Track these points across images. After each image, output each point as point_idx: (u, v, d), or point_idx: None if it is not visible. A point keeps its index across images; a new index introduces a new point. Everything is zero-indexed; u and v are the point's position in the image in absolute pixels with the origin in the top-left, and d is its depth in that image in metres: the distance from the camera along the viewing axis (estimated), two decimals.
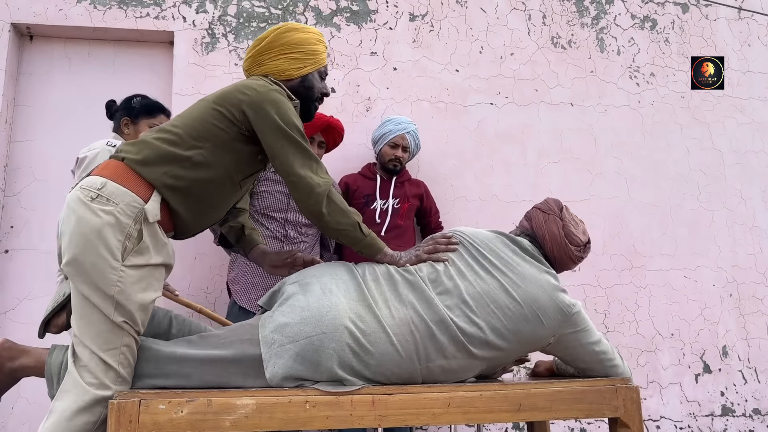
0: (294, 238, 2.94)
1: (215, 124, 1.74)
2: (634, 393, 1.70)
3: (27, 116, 3.33)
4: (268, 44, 1.92)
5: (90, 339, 1.56)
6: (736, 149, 3.80)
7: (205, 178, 1.72)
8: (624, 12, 3.85)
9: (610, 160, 3.66)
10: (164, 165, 1.68)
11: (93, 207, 1.58)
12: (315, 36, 1.97)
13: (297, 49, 1.92)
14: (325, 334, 1.58)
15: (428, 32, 3.63)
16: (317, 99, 2.00)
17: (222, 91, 1.82)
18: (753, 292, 3.64)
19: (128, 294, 1.57)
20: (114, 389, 1.54)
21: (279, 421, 1.54)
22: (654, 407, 3.41)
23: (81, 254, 1.55)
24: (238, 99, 1.75)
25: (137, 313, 1.59)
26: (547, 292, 1.72)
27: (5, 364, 1.69)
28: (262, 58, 1.93)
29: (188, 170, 1.70)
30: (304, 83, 1.94)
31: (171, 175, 1.68)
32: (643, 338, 3.48)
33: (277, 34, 1.92)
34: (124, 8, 3.37)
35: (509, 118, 3.61)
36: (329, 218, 1.76)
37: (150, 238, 1.62)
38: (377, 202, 3.07)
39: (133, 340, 1.60)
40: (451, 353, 1.66)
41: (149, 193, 1.65)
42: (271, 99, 1.76)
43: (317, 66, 1.97)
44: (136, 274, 1.59)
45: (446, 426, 3.18)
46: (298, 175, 1.74)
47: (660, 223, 3.63)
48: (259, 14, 3.50)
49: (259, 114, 1.74)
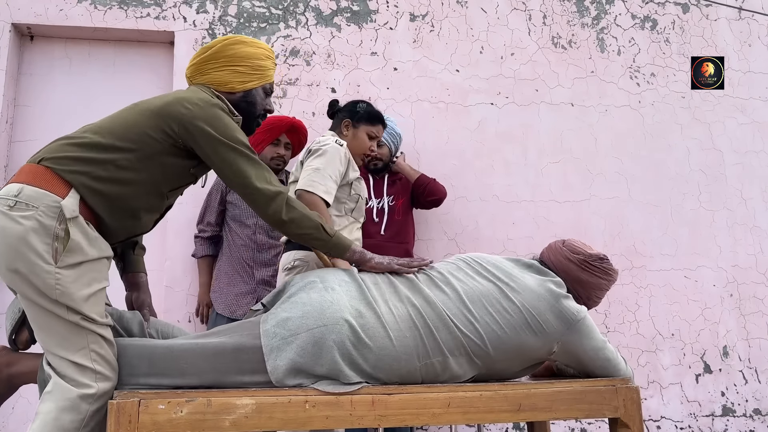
0: (263, 244, 2.96)
1: (149, 134, 1.69)
2: (634, 393, 1.70)
3: (27, 116, 3.33)
4: (213, 54, 1.87)
5: (56, 346, 1.55)
6: (736, 149, 3.79)
7: (128, 183, 1.68)
8: (624, 12, 3.85)
9: (611, 160, 3.66)
10: (85, 165, 1.63)
11: (13, 215, 1.54)
12: (264, 52, 1.93)
13: (243, 63, 1.88)
14: (326, 327, 1.60)
15: (429, 32, 3.63)
16: (259, 115, 1.97)
17: (161, 100, 1.76)
18: (753, 292, 3.63)
19: (71, 294, 1.54)
20: (96, 386, 1.53)
21: (278, 421, 1.54)
22: (654, 407, 3.41)
23: (14, 265, 1.52)
24: (180, 113, 1.70)
25: (89, 308, 1.56)
26: (548, 299, 1.72)
27: (3, 370, 1.68)
28: (206, 66, 1.88)
29: (111, 173, 1.65)
30: (246, 98, 1.91)
31: (92, 176, 1.63)
32: (644, 338, 3.48)
33: (224, 45, 1.88)
34: (124, 8, 3.38)
35: (510, 118, 3.61)
36: (292, 224, 1.76)
37: (79, 234, 1.58)
38: (372, 201, 3.07)
39: (98, 337, 1.57)
40: (449, 351, 1.66)
41: (67, 191, 1.60)
42: (212, 115, 1.72)
43: (262, 82, 1.93)
44: (73, 273, 1.56)
45: (446, 426, 3.17)
46: (254, 188, 1.73)
47: (660, 223, 3.63)
48: (260, 14, 3.50)
49: (202, 132, 1.71)
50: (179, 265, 3.22)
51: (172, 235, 3.23)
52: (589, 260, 1.87)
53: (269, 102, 1.99)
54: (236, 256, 2.96)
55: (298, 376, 1.60)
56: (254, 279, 2.93)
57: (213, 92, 1.85)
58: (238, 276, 2.94)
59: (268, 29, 3.49)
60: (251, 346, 1.61)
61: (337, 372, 1.60)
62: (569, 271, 1.86)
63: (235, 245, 2.98)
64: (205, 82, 1.88)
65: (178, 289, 3.20)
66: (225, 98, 1.86)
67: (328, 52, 3.52)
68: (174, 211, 3.25)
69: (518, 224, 3.50)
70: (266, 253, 2.97)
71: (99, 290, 1.61)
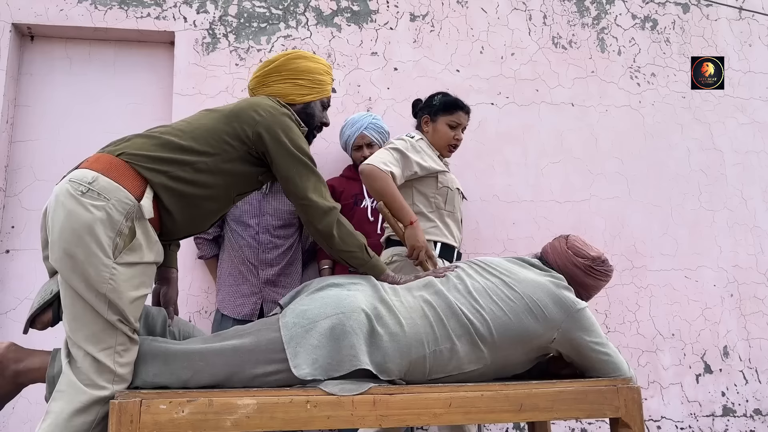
0: (267, 244, 2.96)
1: (226, 140, 1.76)
2: (635, 393, 1.70)
3: (28, 116, 3.33)
4: (276, 67, 1.96)
5: (84, 339, 1.54)
6: (737, 149, 3.79)
7: (204, 186, 1.73)
8: (625, 12, 3.85)
9: (611, 160, 3.66)
10: (166, 165, 1.67)
11: (83, 201, 1.54)
12: (323, 67, 2.02)
13: (304, 77, 1.96)
14: (344, 314, 1.65)
15: (429, 32, 3.63)
16: (316, 128, 2.05)
17: (234, 107, 1.83)
18: (754, 293, 3.64)
19: (120, 292, 1.55)
20: (111, 389, 1.53)
21: (280, 421, 1.54)
22: (655, 407, 3.41)
23: (72, 250, 1.52)
24: (254, 119, 1.78)
25: (130, 311, 1.57)
26: (548, 288, 1.80)
27: (10, 366, 1.68)
28: (269, 79, 1.96)
29: (189, 174, 1.70)
30: (306, 110, 1.99)
31: (171, 176, 1.67)
32: (644, 338, 3.48)
33: (287, 58, 1.97)
34: (124, 8, 3.38)
35: (510, 119, 3.61)
36: (339, 240, 1.84)
37: (143, 235, 1.60)
38: (366, 200, 3.06)
39: (127, 339, 1.58)
40: (457, 338, 1.72)
41: (142, 189, 1.62)
42: (284, 123, 1.81)
43: (321, 96, 2.02)
44: (128, 272, 1.57)
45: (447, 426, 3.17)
46: (309, 200, 1.81)
47: (661, 224, 3.63)
48: (260, 14, 3.50)
49: (273, 138, 1.78)
50: (179, 266, 3.21)
51: None
52: (593, 265, 1.95)
53: (326, 115, 2.07)
54: (240, 256, 2.96)
55: (316, 364, 1.60)
56: (259, 279, 2.93)
57: (279, 102, 1.91)
58: (242, 277, 2.94)
59: (268, 29, 3.49)
60: (270, 338, 1.65)
61: (353, 357, 1.61)
62: (574, 276, 1.94)
63: (238, 246, 2.98)
64: (268, 94, 1.94)
65: (179, 290, 3.19)
66: (291, 109, 1.92)
67: (329, 52, 3.52)
68: None
69: (519, 224, 3.50)
70: (270, 253, 2.96)
71: (144, 295, 1.63)
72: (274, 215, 3.00)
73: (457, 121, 2.68)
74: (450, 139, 2.68)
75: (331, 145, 3.31)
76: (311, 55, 2.02)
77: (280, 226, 3.00)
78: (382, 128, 3.11)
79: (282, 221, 3.01)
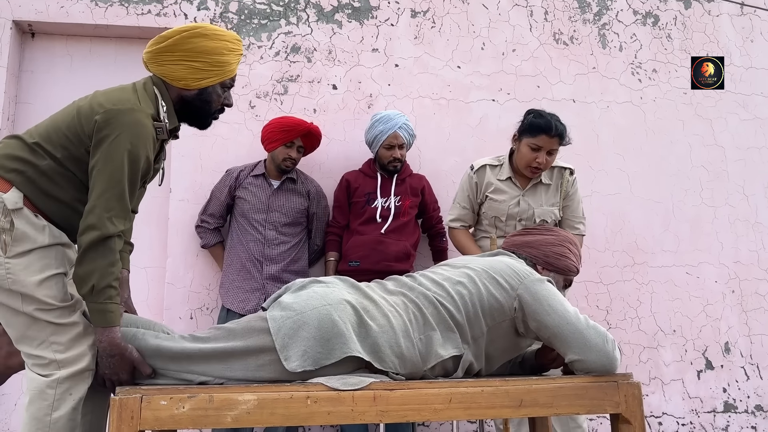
0: (272, 239, 2.96)
1: (66, 135, 1.66)
2: (635, 389, 1.70)
3: (28, 114, 3.33)
4: (169, 46, 1.74)
5: (18, 342, 1.61)
6: (738, 145, 3.78)
7: (60, 187, 1.67)
8: (626, 8, 3.84)
9: (613, 156, 3.65)
10: (20, 164, 1.65)
11: None
12: (226, 45, 1.78)
13: (200, 59, 1.74)
14: (331, 305, 1.67)
15: (430, 29, 3.63)
16: (216, 111, 1.86)
17: (91, 96, 1.72)
18: (755, 289, 3.63)
19: (22, 281, 1.58)
20: (58, 373, 1.58)
21: (280, 417, 1.54)
22: (656, 403, 3.41)
23: None
24: (93, 113, 1.65)
25: (42, 293, 1.59)
26: (506, 262, 1.87)
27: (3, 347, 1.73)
28: (161, 58, 1.76)
29: (41, 177, 1.66)
30: (201, 96, 1.80)
31: (25, 175, 1.65)
32: (645, 335, 3.48)
33: (182, 37, 1.73)
34: (125, 5, 3.37)
35: (511, 115, 3.59)
36: (86, 259, 1.58)
37: (25, 224, 1.61)
38: (378, 200, 3.06)
39: (57, 327, 1.60)
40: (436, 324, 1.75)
41: (8, 187, 1.63)
42: (121, 124, 1.61)
43: (222, 78, 1.80)
44: (23, 261, 1.59)
45: (448, 422, 3.18)
46: (94, 210, 1.60)
47: (662, 220, 3.63)
48: (261, 11, 3.50)
49: (100, 135, 1.62)
50: (180, 262, 3.22)
51: (173, 232, 3.23)
52: (528, 226, 2.24)
53: (228, 96, 1.87)
54: (245, 251, 2.97)
55: (306, 355, 1.61)
56: (263, 275, 2.93)
57: (156, 88, 1.77)
58: (246, 272, 2.95)
59: (269, 26, 3.49)
60: (259, 327, 1.67)
61: (342, 344, 1.62)
62: (514, 242, 2.06)
63: (245, 240, 2.98)
64: (160, 74, 1.78)
65: (180, 286, 3.20)
66: (173, 94, 1.79)
67: (329, 48, 3.51)
68: (175, 209, 3.25)
69: None
70: (275, 249, 2.97)
71: (53, 275, 1.63)
72: (282, 212, 3.01)
73: (539, 144, 2.62)
74: (530, 161, 2.66)
75: (333, 142, 3.30)
76: (213, 31, 1.76)
77: (287, 223, 3.00)
78: (411, 129, 3.12)
79: (289, 218, 3.02)
